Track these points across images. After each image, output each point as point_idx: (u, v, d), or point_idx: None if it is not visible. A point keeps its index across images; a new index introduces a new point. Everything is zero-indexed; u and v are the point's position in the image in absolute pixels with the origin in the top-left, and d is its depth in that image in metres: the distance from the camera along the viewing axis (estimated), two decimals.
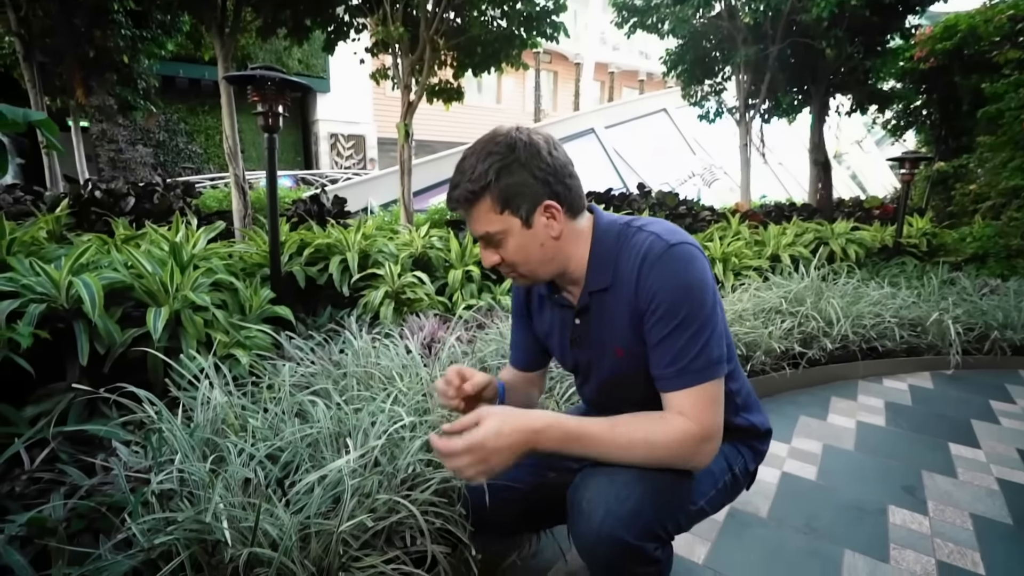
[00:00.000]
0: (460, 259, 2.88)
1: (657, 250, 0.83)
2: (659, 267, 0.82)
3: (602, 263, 0.89)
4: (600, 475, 0.83)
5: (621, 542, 0.79)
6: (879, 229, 5.09)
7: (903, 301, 3.15)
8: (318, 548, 0.90)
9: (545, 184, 0.84)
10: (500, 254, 0.89)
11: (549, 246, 0.88)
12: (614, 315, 0.89)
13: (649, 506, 0.81)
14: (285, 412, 1.29)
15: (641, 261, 0.84)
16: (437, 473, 1.08)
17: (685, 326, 0.80)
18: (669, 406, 0.83)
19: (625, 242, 0.88)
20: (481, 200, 0.84)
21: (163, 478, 0.99)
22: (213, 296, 1.88)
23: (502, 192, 0.83)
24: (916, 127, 7.65)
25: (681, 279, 0.81)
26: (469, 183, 0.83)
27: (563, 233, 0.88)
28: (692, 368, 0.80)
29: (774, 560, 1.37)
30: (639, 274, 0.84)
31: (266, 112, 2.15)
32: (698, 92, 7.05)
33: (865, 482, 1.76)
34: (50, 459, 1.27)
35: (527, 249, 0.87)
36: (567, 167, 0.87)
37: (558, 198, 0.85)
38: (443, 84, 4.68)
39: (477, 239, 0.90)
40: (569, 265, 0.91)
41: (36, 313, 1.47)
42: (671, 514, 0.87)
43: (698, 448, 0.80)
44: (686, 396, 0.81)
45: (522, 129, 0.86)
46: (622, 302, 0.87)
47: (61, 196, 3.21)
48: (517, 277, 0.93)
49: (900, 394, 2.56)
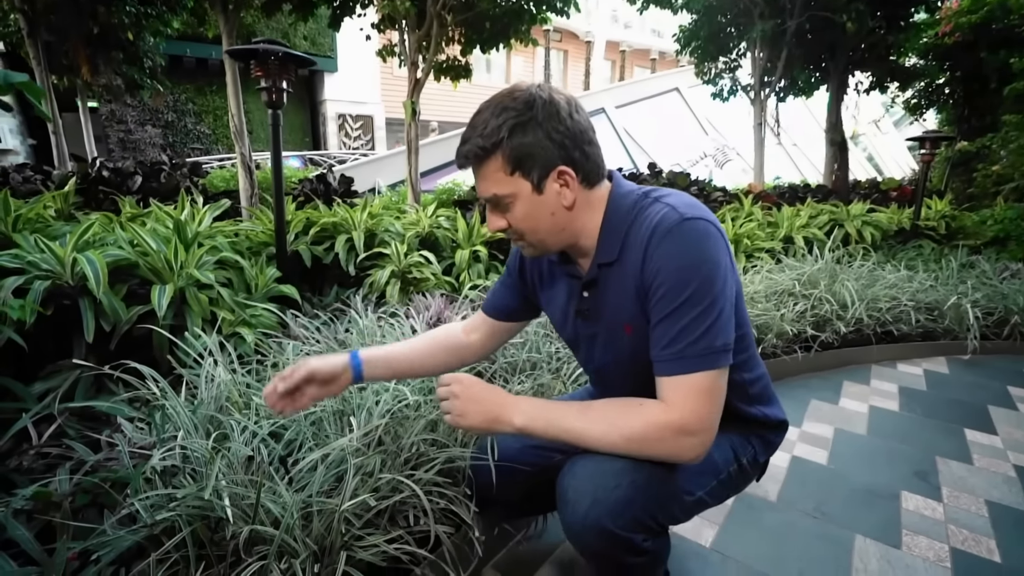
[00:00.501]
0: (467, 239, 2.84)
1: (668, 223, 0.77)
2: (668, 241, 0.76)
3: (612, 234, 0.84)
4: (589, 462, 0.81)
5: (608, 532, 0.77)
6: (896, 211, 4.96)
7: (920, 284, 3.08)
8: (320, 526, 0.89)
9: (561, 148, 0.78)
10: (507, 219, 0.84)
11: (560, 216, 0.82)
12: (622, 290, 0.84)
13: (639, 496, 0.79)
14: None
15: (651, 234, 0.78)
16: (441, 453, 1.07)
17: (688, 307, 0.74)
18: (659, 393, 0.78)
19: (639, 213, 0.82)
20: (491, 158, 0.78)
21: (164, 455, 0.98)
22: (218, 274, 1.87)
23: (514, 151, 0.77)
24: (937, 106, 7.40)
25: (690, 256, 0.75)
26: (480, 138, 0.78)
27: (576, 203, 0.82)
28: (689, 354, 0.74)
29: (783, 544, 1.35)
30: (647, 247, 0.78)
31: (269, 87, 2.11)
32: (712, 69, 6.85)
33: (877, 467, 1.73)
34: (58, 435, 1.28)
35: (536, 217, 0.82)
36: (587, 132, 0.81)
37: (573, 164, 0.79)
38: (451, 61, 4.58)
39: (484, 201, 0.85)
40: (581, 237, 0.86)
41: (41, 289, 1.46)
42: (663, 505, 0.85)
43: (676, 442, 0.75)
44: (676, 384, 0.75)
45: (543, 86, 0.79)
46: (629, 277, 0.82)
47: (68, 175, 3.20)
48: (525, 246, 0.88)
49: (915, 379, 2.51)
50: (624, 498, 0.77)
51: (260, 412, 1.19)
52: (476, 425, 0.85)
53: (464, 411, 0.85)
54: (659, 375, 0.78)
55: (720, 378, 0.77)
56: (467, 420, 0.85)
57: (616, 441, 0.77)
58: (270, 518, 0.89)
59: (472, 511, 1.04)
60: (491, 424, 0.84)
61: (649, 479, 0.80)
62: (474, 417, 0.85)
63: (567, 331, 0.99)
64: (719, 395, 0.77)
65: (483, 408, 0.85)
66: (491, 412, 0.84)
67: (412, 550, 0.93)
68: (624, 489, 0.77)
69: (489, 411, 0.84)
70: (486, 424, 0.84)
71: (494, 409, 0.84)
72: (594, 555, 0.81)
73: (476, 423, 0.85)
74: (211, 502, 0.87)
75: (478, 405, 0.85)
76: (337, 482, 0.98)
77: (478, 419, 0.85)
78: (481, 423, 0.85)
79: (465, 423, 0.85)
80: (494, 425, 0.84)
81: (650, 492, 0.80)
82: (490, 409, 0.84)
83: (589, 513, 0.77)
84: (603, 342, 0.92)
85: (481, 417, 0.84)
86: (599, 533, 0.77)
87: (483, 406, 0.85)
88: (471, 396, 0.86)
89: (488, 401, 0.85)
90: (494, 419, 0.84)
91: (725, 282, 0.77)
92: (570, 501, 0.79)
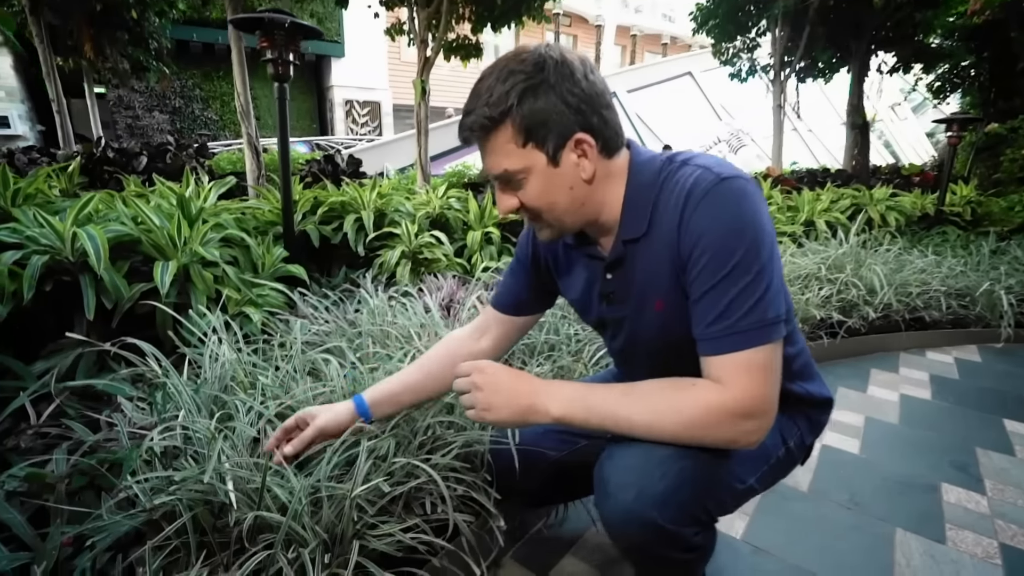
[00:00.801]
0: (479, 220, 2.75)
1: (705, 185, 0.68)
2: (706, 205, 0.67)
3: (638, 206, 0.75)
4: (631, 449, 0.72)
5: (655, 527, 0.69)
6: (919, 196, 4.80)
7: (949, 270, 2.95)
8: (330, 513, 0.82)
9: (578, 113, 0.69)
10: (520, 198, 0.74)
11: (579, 190, 0.73)
12: (652, 266, 0.75)
13: (688, 485, 0.70)
14: (297, 370, 1.22)
15: (685, 198, 0.69)
16: (459, 436, 0.99)
17: (736, 277, 0.66)
18: (707, 373, 0.69)
19: (667, 179, 0.73)
20: (499, 129, 0.70)
21: (164, 435, 0.92)
22: (224, 252, 1.80)
23: (525, 119, 0.68)
24: (962, 89, 7.14)
25: (733, 219, 0.66)
26: (486, 107, 0.69)
27: (596, 175, 0.73)
28: (740, 328, 0.66)
29: (817, 536, 1.27)
30: (682, 214, 0.69)
31: (276, 59, 2.01)
32: (729, 50, 6.63)
33: (912, 457, 1.64)
34: (58, 415, 1.23)
35: (552, 193, 0.73)
36: (604, 95, 0.72)
37: (592, 131, 0.70)
38: (461, 40, 4.45)
39: (493, 179, 0.76)
40: (602, 213, 0.77)
41: (39, 265, 1.40)
42: (714, 494, 0.77)
43: (735, 425, 0.66)
44: (728, 363, 0.67)
45: (553, 46, 0.70)
46: (662, 249, 0.72)
47: (73, 155, 3.15)
48: (541, 227, 0.78)
49: (946, 367, 2.41)
50: (672, 489, 0.69)
51: (266, 392, 1.13)
52: (505, 419, 0.76)
53: (490, 404, 0.76)
54: (707, 354, 0.69)
55: (776, 353, 0.68)
56: (494, 414, 0.75)
57: (668, 428, 0.69)
58: (277, 504, 0.83)
59: (493, 498, 0.97)
60: (524, 416, 0.75)
61: (698, 467, 0.71)
62: (502, 410, 0.75)
63: (591, 317, 0.90)
64: (776, 372, 0.68)
65: (512, 399, 0.75)
66: (522, 402, 0.75)
67: (430, 539, 0.86)
68: (672, 479, 0.69)
69: (520, 402, 0.75)
70: (518, 416, 0.75)
71: (526, 399, 0.75)
72: (638, 551, 0.73)
73: (505, 416, 0.75)
74: (212, 485, 0.80)
75: (506, 396, 0.75)
76: (348, 466, 0.91)
77: (507, 412, 0.75)
78: (511, 416, 0.75)
79: (492, 417, 0.76)
80: (527, 417, 0.75)
81: (700, 481, 0.72)
82: (521, 400, 0.75)
83: (634, 506, 0.68)
84: (631, 323, 0.83)
85: (511, 410, 0.75)
86: (645, 527, 0.69)
87: (512, 396, 0.75)
88: (497, 386, 0.76)
89: (517, 390, 0.76)
90: (526, 409, 0.75)
91: (773, 246, 0.68)
92: (612, 494, 0.71)
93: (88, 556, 0.79)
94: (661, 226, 0.73)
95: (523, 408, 0.75)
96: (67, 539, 0.84)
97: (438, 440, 1.02)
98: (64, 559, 0.80)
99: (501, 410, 0.75)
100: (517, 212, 0.77)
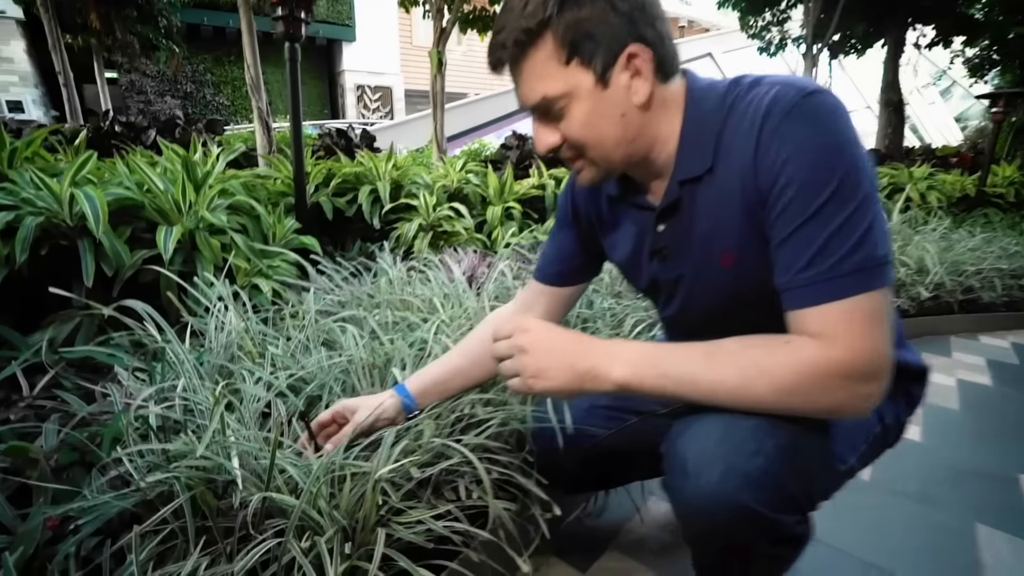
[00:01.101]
0: (499, 195, 2.61)
1: (786, 102, 0.55)
2: (791, 123, 0.54)
3: (700, 139, 0.61)
4: (712, 420, 0.59)
5: (747, 512, 0.55)
6: (959, 177, 4.56)
7: (1002, 250, 2.76)
8: (350, 497, 0.70)
9: (630, 22, 0.56)
10: (562, 130, 0.62)
11: (632, 118, 0.60)
12: (719, 210, 0.61)
13: (787, 464, 0.57)
14: (310, 339, 1.10)
15: (763, 120, 0.56)
16: (497, 413, 0.87)
17: (835, 207, 0.52)
18: (802, 329, 0.55)
19: (736, 103, 0.60)
20: (537, 45, 0.58)
21: (161, 406, 0.80)
22: (232, 220, 1.69)
23: (568, 30, 0.56)
24: (1001, 67, 6.79)
25: (827, 138, 0.53)
26: (521, 19, 0.57)
27: (652, 100, 0.60)
28: (845, 270, 0.52)
29: (888, 531, 1.13)
30: (759, 139, 0.56)
31: (286, 16, 1.88)
32: (758, 23, 6.34)
33: (981, 447, 1.49)
34: (54, 386, 1.13)
35: (600, 121, 0.60)
36: (658, 4, 0.59)
37: (647, 44, 0.57)
38: (478, 12, 4.28)
39: (529, 110, 0.63)
40: (653, 149, 0.63)
41: (33, 226, 1.30)
42: (816, 475, 0.63)
43: (845, 388, 0.53)
44: (831, 311, 0.53)
45: None
46: (732, 186, 0.59)
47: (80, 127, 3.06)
48: (585, 166, 0.65)
49: (1003, 352, 2.24)
50: (768, 466, 0.55)
51: (276, 363, 1.01)
52: (559, 387, 0.62)
53: (540, 369, 0.63)
54: (799, 306, 0.55)
55: (886, 299, 0.54)
56: (545, 381, 0.62)
57: (763, 394, 0.55)
58: (289, 485, 0.71)
59: (536, 481, 0.84)
60: (581, 382, 0.62)
61: (799, 441, 0.58)
62: (555, 377, 0.62)
63: (642, 280, 0.76)
64: (888, 322, 0.54)
65: (567, 361, 0.62)
66: (580, 365, 0.61)
67: (465, 528, 0.74)
68: (768, 454, 0.56)
69: (576, 364, 0.62)
70: (575, 383, 0.62)
71: (584, 360, 0.61)
72: (720, 540, 0.59)
73: (559, 384, 0.62)
74: (214, 461, 0.68)
75: (559, 358, 0.62)
76: (368, 446, 0.79)
77: (561, 378, 0.62)
78: (566, 383, 0.62)
79: (543, 385, 0.63)
80: (586, 383, 0.61)
81: (800, 459, 0.58)
82: (578, 362, 0.62)
83: (721, 487, 0.55)
84: (691, 284, 0.69)
85: (566, 376, 0.62)
86: (735, 512, 0.55)
87: (566, 358, 0.62)
88: (547, 346, 0.63)
89: (573, 351, 0.62)
90: (585, 373, 0.61)
91: (874, 174, 0.55)
92: (692, 473, 0.57)
93: (72, 541, 0.69)
94: (730, 159, 0.59)
95: (581, 372, 0.62)
96: (53, 521, 0.73)
97: (472, 417, 0.89)
98: (45, 543, 0.70)
99: (553, 377, 0.62)
100: (557, 151, 0.64)
